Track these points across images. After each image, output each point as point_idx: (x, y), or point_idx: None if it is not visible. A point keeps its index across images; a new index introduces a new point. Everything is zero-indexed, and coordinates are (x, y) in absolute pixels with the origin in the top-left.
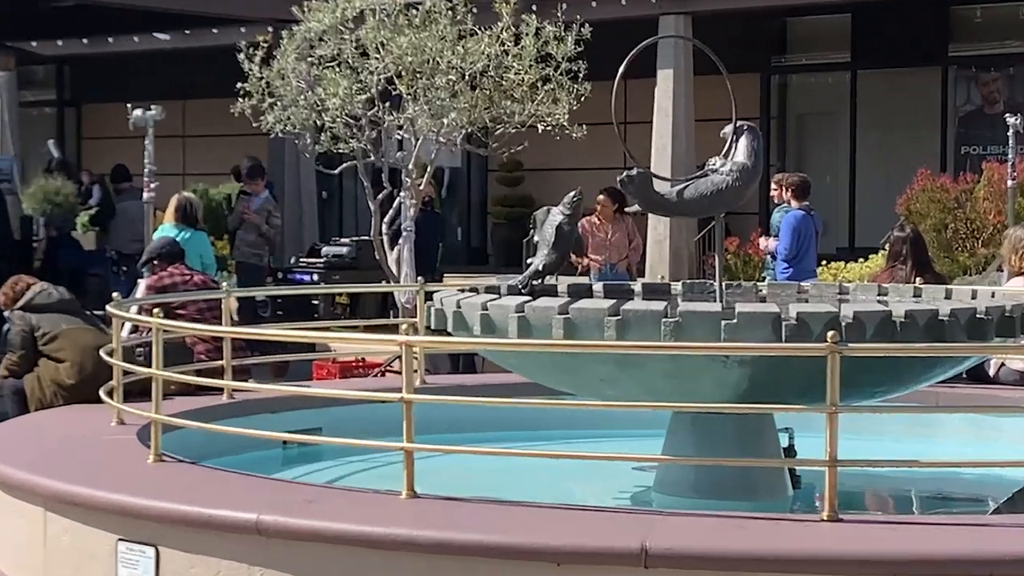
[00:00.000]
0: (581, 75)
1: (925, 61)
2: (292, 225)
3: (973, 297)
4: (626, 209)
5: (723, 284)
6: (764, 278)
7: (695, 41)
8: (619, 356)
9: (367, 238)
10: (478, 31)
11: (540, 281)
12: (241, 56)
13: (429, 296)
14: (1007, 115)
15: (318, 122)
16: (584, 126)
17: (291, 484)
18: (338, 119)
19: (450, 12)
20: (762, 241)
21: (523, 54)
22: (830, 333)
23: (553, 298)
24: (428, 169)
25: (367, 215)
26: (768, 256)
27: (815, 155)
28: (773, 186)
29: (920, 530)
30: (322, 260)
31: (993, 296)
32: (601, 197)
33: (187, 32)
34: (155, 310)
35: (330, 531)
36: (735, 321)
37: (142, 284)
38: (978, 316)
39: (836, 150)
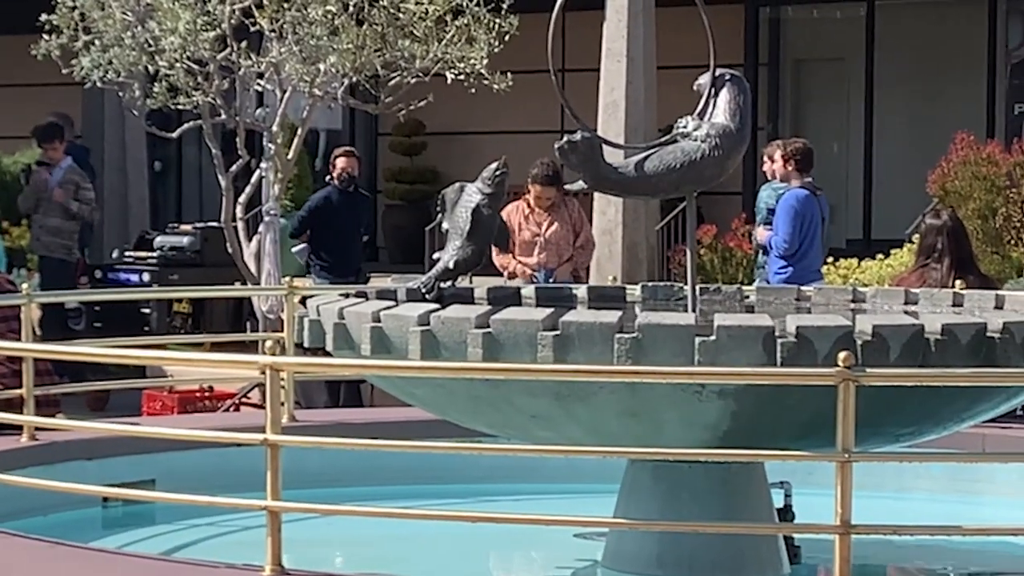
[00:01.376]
0: (505, 6)
1: None
2: (115, 207)
3: None
4: (567, 186)
5: (697, 288)
6: (754, 280)
7: None
8: (557, 385)
9: (216, 225)
10: None
11: (451, 283)
12: None
13: (303, 303)
14: None
15: (150, 68)
16: (509, 75)
17: (114, 556)
18: (177, 64)
19: None
20: (756, 231)
21: None
22: (842, 355)
23: (469, 306)
24: (299, 132)
25: (216, 194)
26: (759, 251)
27: (818, 115)
28: (766, 157)
29: None
30: (155, 254)
31: None
32: (536, 187)
33: None
34: None
35: None
36: (713, 338)
37: None
38: None
39: (847, 108)
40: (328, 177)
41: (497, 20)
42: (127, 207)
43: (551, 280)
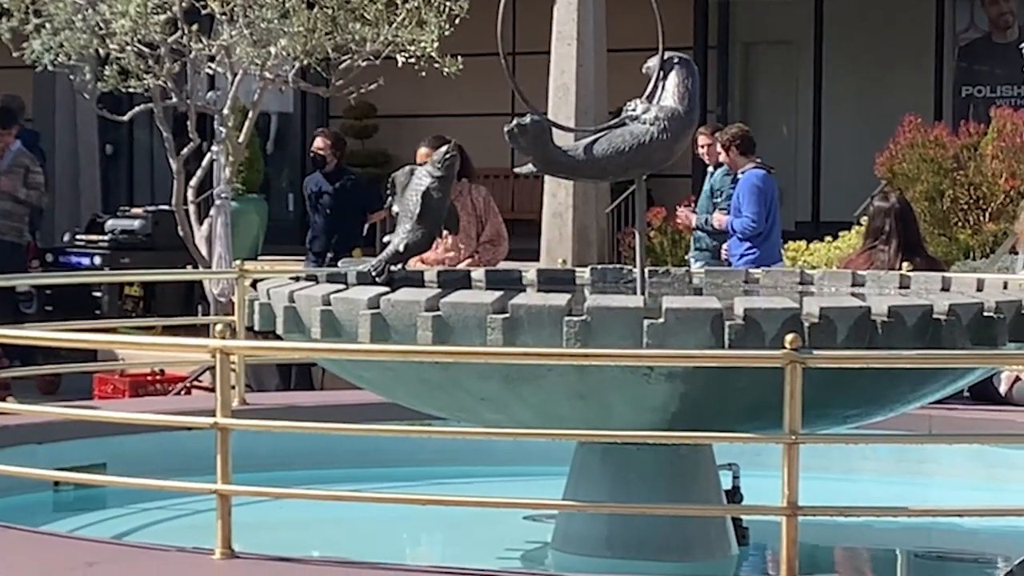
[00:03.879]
0: None
1: None
2: (66, 190)
3: (979, 289)
4: (516, 169)
5: (646, 270)
6: (687, 263)
7: None
8: (506, 368)
9: (167, 208)
10: None
11: (401, 266)
12: None
13: (253, 286)
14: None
15: (101, 51)
16: (459, 58)
17: (65, 540)
18: (128, 47)
19: None
20: (683, 212)
21: None
22: (789, 337)
23: (419, 289)
24: (250, 115)
25: (167, 177)
26: (696, 230)
27: (767, 98)
28: (701, 140)
29: None
30: (106, 237)
31: (1005, 287)
32: (423, 150)
33: None
34: None
35: None
36: (662, 320)
37: None
38: (985, 314)
39: (795, 91)
40: None
41: (447, 3)
42: (78, 190)
43: None
